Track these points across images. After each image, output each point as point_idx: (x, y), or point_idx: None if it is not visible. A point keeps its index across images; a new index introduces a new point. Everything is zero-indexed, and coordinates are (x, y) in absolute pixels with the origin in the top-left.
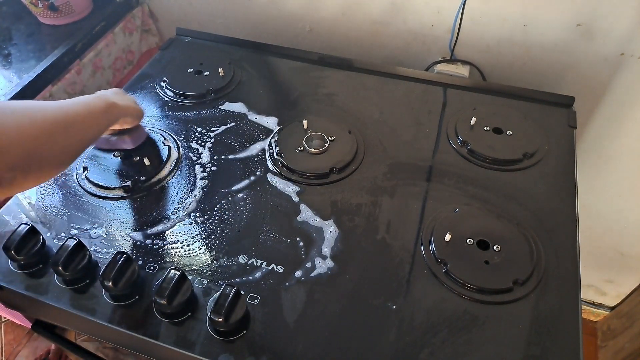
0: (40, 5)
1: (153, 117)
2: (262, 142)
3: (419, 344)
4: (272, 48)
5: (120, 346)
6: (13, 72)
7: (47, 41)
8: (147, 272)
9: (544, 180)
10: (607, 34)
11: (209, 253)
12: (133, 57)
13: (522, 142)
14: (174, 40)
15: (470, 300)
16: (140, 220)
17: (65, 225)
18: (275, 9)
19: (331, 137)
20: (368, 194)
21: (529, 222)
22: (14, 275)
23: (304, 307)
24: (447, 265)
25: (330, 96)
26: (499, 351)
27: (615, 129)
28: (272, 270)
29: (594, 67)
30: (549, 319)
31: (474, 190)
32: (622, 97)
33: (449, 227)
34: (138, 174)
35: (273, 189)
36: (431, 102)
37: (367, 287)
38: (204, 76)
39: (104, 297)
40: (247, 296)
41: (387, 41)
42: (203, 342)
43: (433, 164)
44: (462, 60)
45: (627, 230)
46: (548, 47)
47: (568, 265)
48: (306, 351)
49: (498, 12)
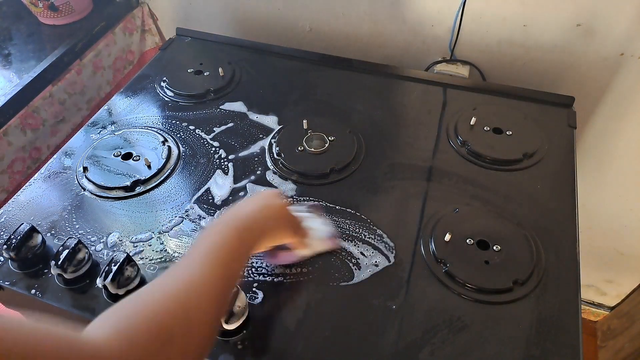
0: (40, 5)
1: (153, 117)
2: (262, 141)
3: (419, 344)
4: (272, 48)
5: None
6: (13, 72)
7: (47, 41)
8: (148, 272)
9: (544, 180)
10: (607, 34)
11: None
12: (133, 57)
13: (522, 142)
14: (174, 40)
15: (470, 300)
16: (140, 220)
17: (65, 225)
18: (275, 9)
19: (331, 137)
20: (368, 194)
21: (529, 222)
22: (14, 275)
23: (304, 306)
24: (447, 265)
25: (331, 96)
26: (499, 351)
27: (615, 129)
28: (273, 270)
29: (594, 67)
30: (549, 319)
31: (474, 190)
32: (622, 97)
33: (449, 227)
34: (138, 173)
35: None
36: (431, 102)
37: (367, 287)
38: (204, 76)
39: (104, 297)
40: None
41: (387, 41)
42: None
43: (433, 164)
44: (462, 60)
45: (627, 230)
46: (548, 47)
47: (568, 265)
48: (306, 351)
49: (498, 12)
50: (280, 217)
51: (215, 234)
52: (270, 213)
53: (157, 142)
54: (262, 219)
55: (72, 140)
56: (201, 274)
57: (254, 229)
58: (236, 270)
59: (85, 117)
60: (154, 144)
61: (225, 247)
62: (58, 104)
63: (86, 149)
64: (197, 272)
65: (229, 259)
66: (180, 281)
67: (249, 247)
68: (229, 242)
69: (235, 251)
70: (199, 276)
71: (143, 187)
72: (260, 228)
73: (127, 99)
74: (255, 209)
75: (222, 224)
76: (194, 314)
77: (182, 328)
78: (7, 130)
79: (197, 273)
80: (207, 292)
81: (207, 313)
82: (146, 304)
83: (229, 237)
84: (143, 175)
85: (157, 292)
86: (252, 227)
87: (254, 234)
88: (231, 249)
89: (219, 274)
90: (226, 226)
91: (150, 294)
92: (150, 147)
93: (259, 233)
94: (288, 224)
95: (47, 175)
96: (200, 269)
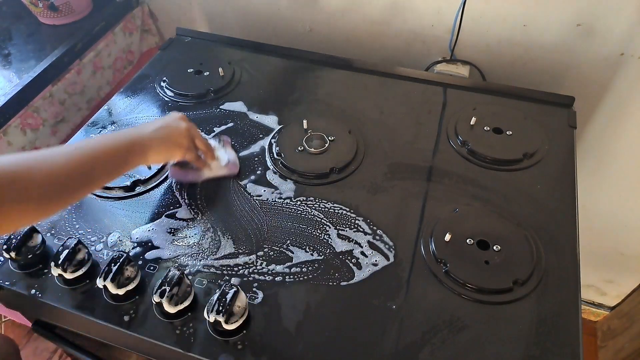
0: (40, 5)
1: (153, 117)
2: (262, 141)
3: (419, 344)
4: (272, 48)
5: (120, 346)
6: (13, 72)
7: (47, 41)
8: (148, 272)
9: (544, 180)
10: (607, 34)
11: (208, 252)
12: (133, 57)
13: (522, 142)
14: (174, 40)
15: (470, 300)
16: (140, 219)
17: (65, 225)
18: (275, 9)
19: (331, 137)
20: (368, 194)
21: (529, 222)
22: (14, 275)
23: (304, 306)
24: (447, 265)
25: (331, 96)
26: (499, 351)
27: (615, 129)
28: (273, 270)
29: (594, 67)
30: (549, 319)
31: (474, 190)
32: (622, 97)
33: (449, 227)
34: (138, 173)
35: None
36: (431, 102)
37: (367, 287)
38: (204, 76)
39: (104, 297)
40: (248, 296)
41: (387, 41)
42: (203, 342)
43: (433, 164)
44: (462, 60)
45: (627, 230)
46: (548, 47)
47: (568, 266)
48: (306, 351)
49: (498, 12)
50: (177, 137)
51: (111, 138)
52: (167, 132)
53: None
54: (157, 137)
55: (72, 140)
56: (67, 158)
57: (145, 144)
58: (104, 171)
59: (85, 117)
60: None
61: (106, 148)
62: (58, 104)
63: None
64: (65, 155)
65: (103, 156)
66: (43, 154)
67: (136, 156)
68: (113, 146)
69: (114, 153)
70: (62, 157)
71: (143, 187)
72: (154, 144)
73: (127, 99)
74: (158, 127)
75: (123, 133)
76: (28, 184)
77: (11, 192)
78: (7, 130)
79: (64, 155)
80: (54, 172)
81: (41, 187)
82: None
83: (118, 143)
84: (143, 175)
85: (20, 155)
86: (143, 142)
87: (147, 147)
88: (113, 150)
89: (82, 161)
90: (123, 135)
91: (15, 155)
92: None
93: (152, 147)
94: (183, 143)
95: None
96: (69, 153)
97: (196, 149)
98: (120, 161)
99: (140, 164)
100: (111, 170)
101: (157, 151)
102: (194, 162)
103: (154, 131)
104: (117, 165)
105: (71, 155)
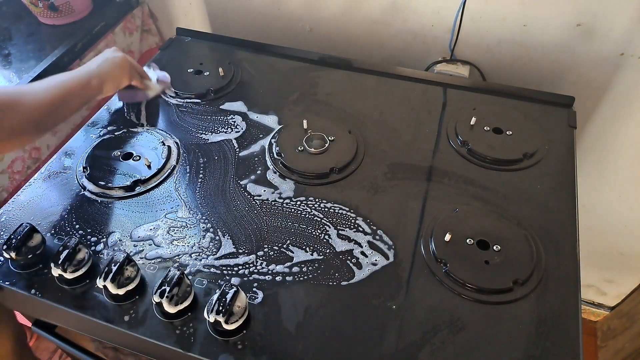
0: (40, 5)
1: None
2: (262, 141)
3: (419, 344)
4: (272, 48)
5: (120, 346)
6: (13, 72)
7: (47, 41)
8: (148, 272)
9: (544, 180)
10: (607, 34)
11: (208, 252)
12: (133, 57)
13: (522, 142)
14: (174, 40)
15: (470, 300)
16: (140, 219)
17: (65, 225)
18: (275, 9)
19: (331, 137)
20: (368, 194)
21: (528, 222)
22: (14, 275)
23: (305, 306)
24: (447, 265)
25: (331, 96)
26: (499, 351)
27: (615, 129)
28: (273, 270)
29: (594, 67)
30: (549, 319)
31: (474, 190)
32: (622, 97)
33: (449, 227)
34: (138, 173)
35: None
36: (431, 102)
37: (367, 287)
38: (204, 76)
39: (104, 297)
40: (248, 296)
41: (387, 41)
42: (203, 342)
43: (433, 164)
44: (462, 60)
45: (627, 230)
46: (548, 47)
47: (568, 265)
48: (306, 351)
49: (498, 12)
50: (119, 66)
51: (70, 76)
52: (112, 64)
53: (157, 142)
54: (105, 70)
55: (72, 140)
56: (45, 88)
57: (99, 77)
58: (74, 101)
59: (85, 117)
60: (153, 144)
61: (72, 83)
62: None
63: (86, 149)
64: (44, 86)
65: (72, 90)
66: (21, 89)
67: (94, 89)
68: (77, 82)
69: (79, 88)
70: (42, 89)
71: (143, 187)
72: (104, 76)
73: None
74: (100, 62)
75: (77, 72)
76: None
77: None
78: None
79: (43, 86)
80: (39, 99)
81: (32, 112)
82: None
83: (79, 79)
84: (143, 175)
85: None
86: (98, 75)
87: (100, 80)
88: (78, 85)
89: (58, 94)
90: (80, 72)
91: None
92: (150, 147)
93: (104, 79)
94: (125, 70)
95: (47, 175)
96: (47, 84)
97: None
98: (84, 94)
99: (98, 95)
100: (78, 104)
101: (111, 81)
102: (138, 84)
103: (99, 66)
104: (82, 98)
105: (49, 90)
